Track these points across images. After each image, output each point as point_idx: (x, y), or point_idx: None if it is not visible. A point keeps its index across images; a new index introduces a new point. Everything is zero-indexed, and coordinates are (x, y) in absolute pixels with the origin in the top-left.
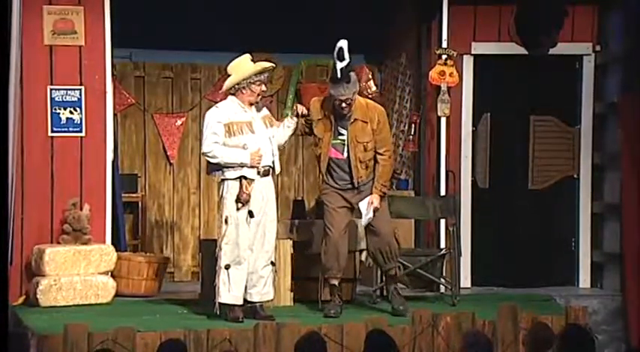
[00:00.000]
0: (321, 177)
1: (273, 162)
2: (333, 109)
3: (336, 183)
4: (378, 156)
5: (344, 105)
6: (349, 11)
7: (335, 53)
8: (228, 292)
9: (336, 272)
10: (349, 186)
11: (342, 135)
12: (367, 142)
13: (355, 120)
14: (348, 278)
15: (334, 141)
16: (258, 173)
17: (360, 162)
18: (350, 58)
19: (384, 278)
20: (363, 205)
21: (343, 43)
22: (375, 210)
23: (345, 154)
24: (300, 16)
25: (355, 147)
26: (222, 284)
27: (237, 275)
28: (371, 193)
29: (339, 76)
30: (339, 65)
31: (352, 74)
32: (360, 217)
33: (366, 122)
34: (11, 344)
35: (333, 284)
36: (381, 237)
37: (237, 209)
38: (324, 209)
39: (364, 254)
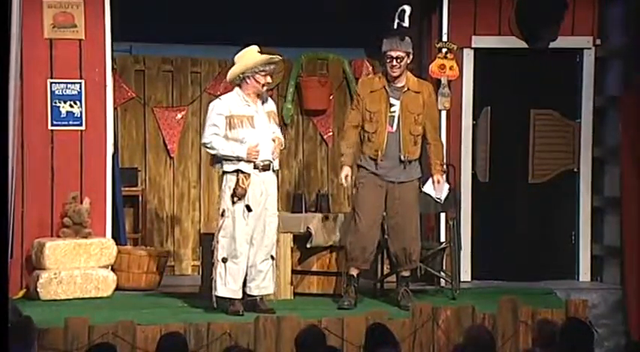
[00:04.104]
0: (360, 158)
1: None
2: (385, 78)
3: (378, 168)
4: (430, 136)
5: (394, 63)
6: (349, 4)
7: (397, 13)
8: (225, 285)
9: (360, 264)
10: (394, 167)
11: (394, 106)
12: (418, 115)
13: (408, 89)
14: None
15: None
16: (257, 168)
17: (410, 134)
18: (410, 24)
19: (395, 277)
20: (428, 189)
21: (407, 8)
22: (441, 187)
23: (395, 127)
24: (301, 10)
25: (406, 118)
26: (218, 278)
27: (233, 269)
28: (432, 175)
29: (394, 27)
30: (397, 21)
31: (407, 38)
32: (435, 198)
33: (418, 93)
34: (16, 335)
35: (351, 275)
36: (406, 236)
37: (233, 202)
38: (357, 196)
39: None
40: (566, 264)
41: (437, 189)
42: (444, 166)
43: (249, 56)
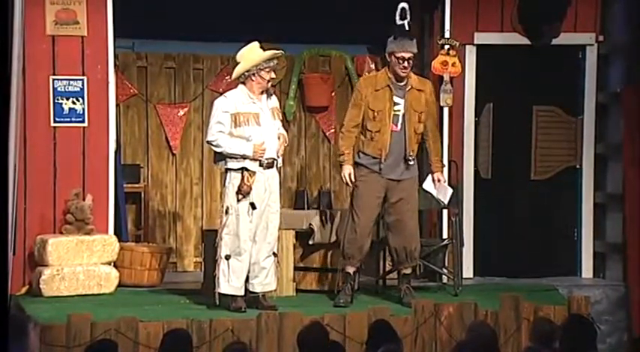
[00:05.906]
0: (359, 155)
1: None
2: (390, 77)
3: (380, 166)
4: (430, 134)
5: (406, 64)
6: (352, 1)
7: (397, 13)
8: (228, 283)
9: (356, 262)
10: (397, 166)
11: (398, 105)
12: (421, 113)
13: (412, 87)
14: None
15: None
16: (261, 165)
17: (415, 133)
18: (410, 19)
19: (397, 275)
20: (428, 187)
21: (405, 4)
22: (444, 189)
23: (400, 126)
24: (303, 6)
25: (411, 116)
26: (221, 275)
27: (237, 266)
28: (432, 172)
29: (406, 28)
30: (403, 21)
31: (414, 38)
32: (438, 199)
33: (421, 91)
34: (11, 331)
35: (347, 273)
36: (406, 234)
37: (238, 200)
38: (356, 194)
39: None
40: (568, 261)
41: (438, 188)
42: (443, 164)
43: (253, 53)
